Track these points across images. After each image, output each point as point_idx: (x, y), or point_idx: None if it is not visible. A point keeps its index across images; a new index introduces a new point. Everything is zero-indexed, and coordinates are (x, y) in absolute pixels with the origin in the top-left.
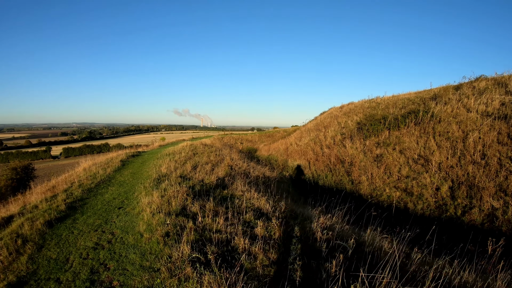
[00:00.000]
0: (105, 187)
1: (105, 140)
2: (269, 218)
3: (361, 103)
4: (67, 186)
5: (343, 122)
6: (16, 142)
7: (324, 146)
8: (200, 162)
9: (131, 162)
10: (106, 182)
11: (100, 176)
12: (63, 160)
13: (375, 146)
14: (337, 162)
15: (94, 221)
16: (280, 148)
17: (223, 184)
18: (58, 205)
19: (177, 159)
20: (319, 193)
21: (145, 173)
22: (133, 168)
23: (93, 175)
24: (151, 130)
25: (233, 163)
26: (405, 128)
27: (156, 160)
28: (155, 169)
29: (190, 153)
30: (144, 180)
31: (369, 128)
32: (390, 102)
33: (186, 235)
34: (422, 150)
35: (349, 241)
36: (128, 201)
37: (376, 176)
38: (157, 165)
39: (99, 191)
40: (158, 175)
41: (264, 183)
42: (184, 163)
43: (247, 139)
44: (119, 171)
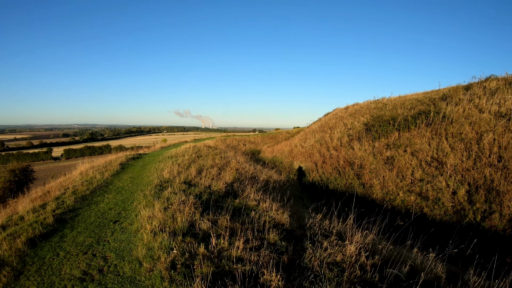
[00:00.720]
0: (101, 195)
1: (107, 142)
2: (297, 238)
3: (366, 104)
4: (60, 192)
5: (349, 123)
6: (18, 143)
7: (330, 148)
8: (205, 166)
9: (131, 166)
10: (102, 188)
11: (97, 181)
12: (64, 162)
13: (385, 148)
14: (346, 165)
15: (85, 239)
16: (285, 150)
17: (233, 191)
18: (45, 217)
19: (180, 162)
20: (329, 197)
21: (146, 178)
22: (133, 172)
23: (90, 180)
24: (153, 131)
25: (240, 166)
26: (416, 129)
27: (158, 163)
28: (157, 173)
29: (193, 155)
30: (144, 186)
31: (378, 129)
32: (397, 103)
33: (198, 267)
34: (435, 152)
35: (402, 268)
36: (126, 213)
37: (389, 180)
38: (159, 169)
39: (94, 199)
40: (160, 180)
41: (273, 188)
42: (188, 167)
43: (249, 140)
44: (117, 176)
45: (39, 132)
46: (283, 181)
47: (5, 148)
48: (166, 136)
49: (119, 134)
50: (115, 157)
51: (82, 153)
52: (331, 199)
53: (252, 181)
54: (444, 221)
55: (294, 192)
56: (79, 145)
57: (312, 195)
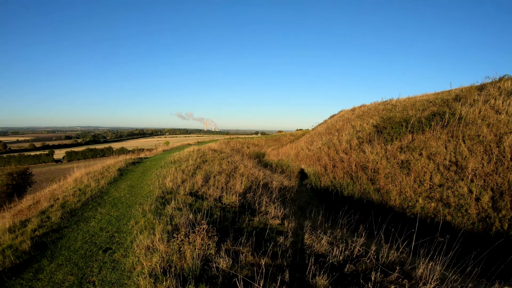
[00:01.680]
0: (93, 208)
1: (109, 144)
2: (351, 279)
3: (374, 105)
4: (48, 204)
5: (358, 126)
6: (20, 145)
7: (340, 151)
8: (212, 172)
9: (130, 172)
10: (96, 199)
11: (91, 190)
12: (66, 164)
13: (398, 151)
14: (358, 169)
15: (65, 277)
16: (291, 153)
17: (248, 205)
18: (22, 241)
19: (184, 168)
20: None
21: (146, 187)
22: (132, 180)
23: (83, 188)
24: (155, 134)
25: (249, 172)
26: (430, 131)
27: (160, 169)
28: (158, 181)
29: (198, 160)
30: (143, 198)
31: (390, 132)
32: (407, 104)
33: None
34: (453, 155)
35: None
36: (120, 236)
37: (406, 185)
38: (161, 176)
39: (85, 214)
40: (162, 191)
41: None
42: (193, 174)
43: (253, 143)
44: (114, 184)
45: (42, 134)
46: (294, 187)
47: (7, 150)
48: (169, 139)
49: (121, 137)
50: (113, 162)
51: (84, 156)
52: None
53: (264, 189)
54: (470, 229)
55: (306, 199)
56: (81, 148)
57: (326, 203)
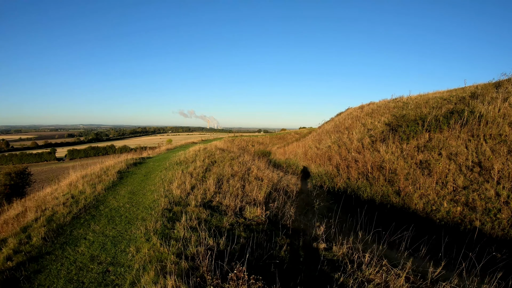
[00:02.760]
0: (85, 224)
1: (111, 142)
2: None
3: (384, 103)
4: (35, 216)
5: (369, 124)
6: (23, 144)
7: (352, 150)
8: (224, 175)
9: (131, 174)
10: (90, 210)
11: (85, 198)
12: (68, 162)
13: (415, 151)
14: (374, 170)
15: None
16: (298, 152)
17: (276, 220)
18: None
19: (192, 170)
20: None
21: (149, 194)
22: (133, 184)
23: (77, 195)
24: (158, 131)
25: (262, 174)
26: (449, 130)
27: (164, 171)
28: (164, 187)
29: (207, 161)
30: (147, 210)
31: (406, 130)
32: (420, 102)
33: None
34: (475, 155)
35: None
36: (116, 272)
37: (428, 187)
38: (166, 180)
39: (74, 232)
40: (169, 200)
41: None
42: (203, 178)
43: (258, 141)
44: (113, 190)
45: (45, 132)
46: (310, 191)
47: (10, 149)
48: (171, 137)
49: (124, 135)
50: (113, 163)
51: (86, 154)
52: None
53: (285, 194)
54: (501, 236)
55: (326, 204)
56: (83, 146)
57: (346, 207)
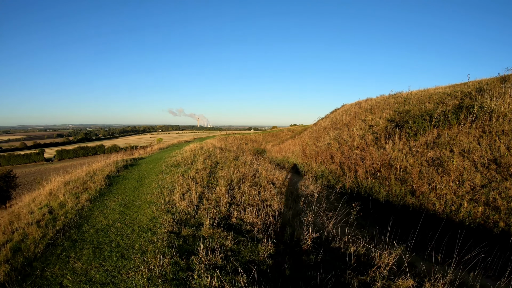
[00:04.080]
0: (62, 258)
1: (101, 142)
2: None
3: (383, 99)
4: (1, 241)
5: (370, 120)
6: (11, 144)
7: (355, 147)
8: (232, 180)
9: (122, 179)
10: (71, 233)
11: (66, 213)
12: (57, 163)
13: (425, 148)
14: (382, 168)
15: None
16: (295, 150)
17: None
18: None
19: (193, 174)
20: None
21: (146, 207)
22: (125, 193)
23: (57, 209)
24: (148, 130)
25: (273, 176)
26: (458, 126)
27: (161, 175)
28: (163, 197)
29: (208, 162)
30: (145, 234)
31: (413, 126)
32: (422, 97)
33: None
34: (489, 152)
35: None
36: None
37: (444, 187)
38: (165, 187)
39: (46, 273)
40: (173, 218)
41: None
42: (209, 184)
43: (251, 139)
44: (101, 200)
45: (33, 132)
46: (321, 193)
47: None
48: (162, 135)
49: (113, 134)
50: (101, 166)
51: (75, 154)
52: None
53: (302, 201)
54: None
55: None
56: (73, 146)
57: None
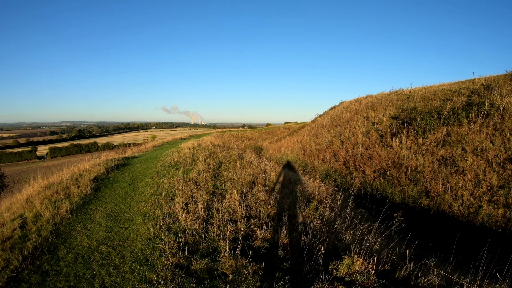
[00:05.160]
0: None
1: (94, 139)
2: None
3: (384, 96)
4: None
5: (373, 117)
6: (4, 142)
7: (359, 145)
8: (242, 184)
9: (112, 182)
10: (43, 260)
11: (41, 228)
12: (49, 161)
13: (435, 146)
14: (390, 167)
15: None
16: (295, 148)
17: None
18: None
19: (195, 177)
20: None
21: (140, 222)
22: (114, 200)
23: (31, 223)
24: (141, 128)
25: (285, 178)
26: (468, 124)
27: (157, 177)
28: (161, 208)
29: (210, 162)
30: (140, 266)
31: (421, 124)
32: (426, 94)
33: None
34: (503, 151)
35: None
36: None
37: (460, 188)
38: (163, 194)
39: None
40: (177, 241)
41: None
42: (216, 189)
43: (247, 136)
44: (84, 210)
45: (27, 130)
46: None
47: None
48: (156, 133)
49: (107, 131)
50: (88, 166)
51: (68, 152)
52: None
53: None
54: None
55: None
56: (66, 143)
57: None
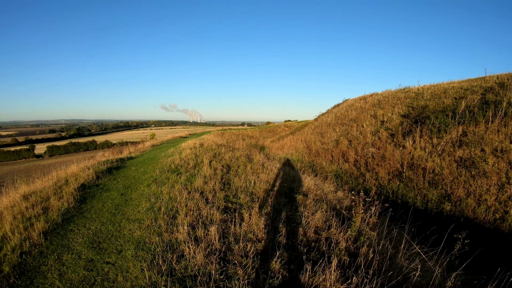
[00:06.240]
0: None
1: (93, 137)
2: None
3: (391, 93)
4: None
5: (381, 115)
6: (3, 141)
7: (369, 144)
8: (259, 195)
9: (101, 192)
10: None
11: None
12: (47, 160)
13: (451, 147)
14: (406, 169)
15: None
16: (298, 147)
17: None
18: None
19: (200, 185)
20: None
21: (131, 257)
22: (101, 218)
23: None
24: (140, 126)
25: (299, 183)
26: (485, 123)
27: (155, 186)
28: (161, 234)
29: (217, 166)
30: None
31: (435, 122)
32: (437, 92)
33: None
34: None
35: None
36: None
37: (483, 192)
38: (162, 211)
39: None
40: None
41: None
42: (226, 202)
43: (248, 134)
44: (63, 232)
45: (26, 128)
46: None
47: None
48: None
49: (106, 129)
50: (76, 170)
51: (66, 150)
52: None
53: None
54: None
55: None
56: (64, 141)
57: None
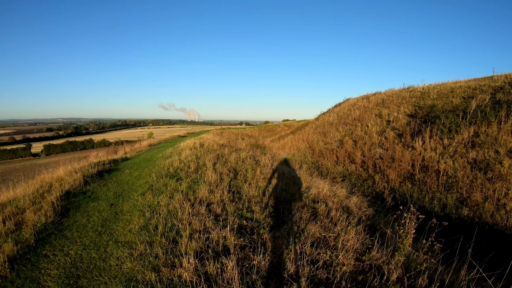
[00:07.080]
0: None
1: (90, 136)
2: None
3: (395, 92)
4: None
5: (386, 115)
6: (0, 139)
7: (376, 145)
8: (278, 208)
9: (87, 201)
10: None
11: None
12: (44, 158)
13: (463, 148)
14: (417, 171)
15: None
16: (300, 146)
17: None
18: None
19: (205, 195)
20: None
21: None
22: (84, 238)
23: None
24: (138, 125)
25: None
26: (498, 124)
27: (151, 195)
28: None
29: (222, 169)
30: None
31: (445, 122)
32: (442, 91)
33: None
34: None
35: None
36: None
37: (502, 196)
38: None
39: None
40: None
41: None
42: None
43: (247, 134)
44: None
45: (23, 127)
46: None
47: None
48: (153, 130)
49: (104, 128)
50: (63, 173)
51: (63, 149)
52: None
53: None
54: None
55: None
56: (61, 140)
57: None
